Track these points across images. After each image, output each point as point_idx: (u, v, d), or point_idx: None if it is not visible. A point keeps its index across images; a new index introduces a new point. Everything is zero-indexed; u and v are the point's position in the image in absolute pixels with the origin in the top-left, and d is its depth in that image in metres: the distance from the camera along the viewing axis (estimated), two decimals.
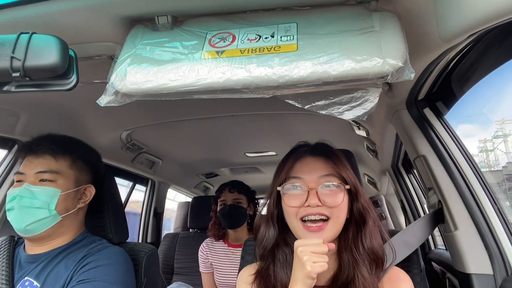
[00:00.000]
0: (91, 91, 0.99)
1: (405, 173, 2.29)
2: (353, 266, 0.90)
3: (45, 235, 1.11)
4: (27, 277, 1.09)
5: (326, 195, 0.90)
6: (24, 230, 1.07)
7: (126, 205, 2.84)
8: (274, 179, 1.00)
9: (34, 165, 1.12)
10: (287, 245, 0.96)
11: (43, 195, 1.08)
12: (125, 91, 0.79)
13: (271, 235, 0.97)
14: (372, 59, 0.70)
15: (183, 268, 2.57)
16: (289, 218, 0.93)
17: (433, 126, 1.21)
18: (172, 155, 2.63)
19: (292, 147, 1.04)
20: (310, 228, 0.88)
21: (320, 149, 0.99)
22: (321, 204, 0.88)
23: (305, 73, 0.72)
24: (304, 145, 1.03)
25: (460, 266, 1.13)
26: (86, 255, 1.11)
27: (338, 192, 0.91)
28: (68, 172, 1.15)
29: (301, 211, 0.89)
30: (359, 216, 0.94)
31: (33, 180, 1.10)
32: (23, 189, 1.08)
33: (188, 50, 0.81)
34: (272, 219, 0.98)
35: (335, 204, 0.89)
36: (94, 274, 1.05)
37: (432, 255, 2.07)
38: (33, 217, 1.06)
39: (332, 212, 0.89)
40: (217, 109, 1.79)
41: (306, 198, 0.89)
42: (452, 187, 1.13)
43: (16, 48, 0.69)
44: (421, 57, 0.92)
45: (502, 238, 1.05)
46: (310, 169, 0.94)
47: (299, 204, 0.90)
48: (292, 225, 0.93)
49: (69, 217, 1.14)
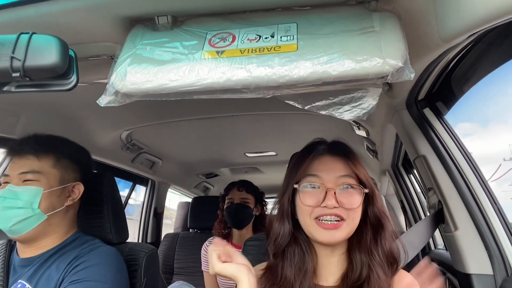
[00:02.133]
0: (91, 91, 0.99)
1: (405, 173, 2.29)
2: (368, 266, 0.88)
3: (33, 234, 1.10)
4: (20, 280, 1.09)
5: (344, 196, 0.88)
6: (9, 230, 1.07)
7: (126, 205, 2.84)
8: (290, 175, 0.97)
9: (18, 166, 1.12)
10: (296, 243, 0.95)
11: (25, 194, 1.08)
12: (125, 91, 0.79)
13: (286, 232, 0.94)
14: (372, 59, 0.70)
15: (183, 268, 2.57)
16: (303, 216, 0.91)
17: (433, 126, 1.21)
18: (172, 155, 2.63)
19: (307, 143, 1.01)
20: (325, 225, 0.86)
21: (339, 148, 0.96)
22: (338, 205, 0.86)
23: (305, 73, 0.72)
24: (322, 142, 1.00)
25: (460, 266, 1.13)
26: (77, 256, 1.10)
27: (356, 194, 0.89)
28: (51, 171, 1.14)
29: (317, 210, 0.88)
30: (376, 220, 0.92)
31: (16, 181, 1.10)
32: (6, 190, 1.08)
33: (188, 50, 0.81)
34: (287, 216, 0.95)
35: (352, 206, 0.87)
36: (85, 274, 1.05)
37: (432, 255, 2.07)
38: (16, 217, 1.06)
39: (348, 214, 0.87)
40: (217, 109, 1.79)
41: (323, 198, 0.87)
42: (452, 187, 1.14)
43: (16, 48, 0.69)
44: (421, 57, 0.92)
45: (502, 238, 1.05)
46: (328, 168, 0.91)
47: (315, 204, 0.88)
48: (305, 223, 0.91)
49: (57, 215, 1.14)
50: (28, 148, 1.14)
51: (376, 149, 2.12)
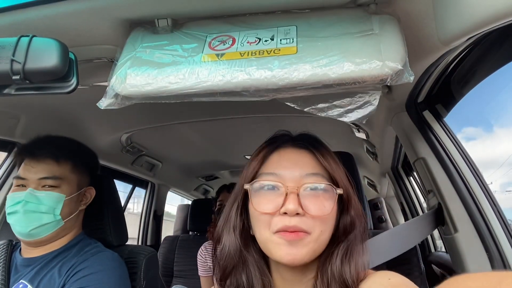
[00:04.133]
0: (91, 94, 0.99)
1: (405, 176, 2.29)
2: None
3: (47, 238, 1.11)
4: (22, 280, 1.09)
5: (310, 200, 0.67)
6: (27, 234, 1.07)
7: (125, 208, 2.83)
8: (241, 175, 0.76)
9: (36, 170, 1.11)
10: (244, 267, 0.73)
11: (48, 200, 1.08)
12: (125, 94, 0.79)
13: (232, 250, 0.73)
14: (371, 62, 0.70)
15: (182, 271, 2.57)
16: (259, 229, 0.68)
17: (432, 128, 1.21)
18: (172, 158, 2.64)
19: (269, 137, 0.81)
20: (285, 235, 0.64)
21: (305, 139, 0.76)
22: (302, 211, 0.65)
23: (305, 76, 0.72)
24: (284, 133, 0.80)
25: (460, 268, 1.13)
26: (79, 260, 1.10)
27: (327, 199, 0.68)
28: (70, 177, 1.15)
29: (277, 220, 0.65)
30: (343, 231, 0.71)
31: (35, 186, 1.09)
32: (28, 194, 1.07)
33: (188, 53, 0.81)
34: (234, 229, 0.74)
35: (321, 214, 0.66)
36: (88, 282, 1.04)
37: (432, 257, 2.07)
38: (38, 221, 1.06)
39: (314, 225, 0.65)
40: (217, 111, 1.79)
41: (283, 202, 0.66)
42: (452, 190, 1.13)
43: (16, 51, 0.69)
44: (421, 59, 0.92)
45: (502, 240, 1.04)
46: (290, 163, 0.71)
47: (273, 210, 0.66)
48: (261, 238, 0.68)
49: (71, 220, 1.15)
50: (47, 152, 1.13)
51: (376, 151, 2.13)
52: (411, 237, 1.19)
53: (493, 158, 29.08)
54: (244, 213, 0.75)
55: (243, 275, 0.72)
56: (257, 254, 0.73)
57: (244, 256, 0.73)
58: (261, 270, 0.73)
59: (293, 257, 0.64)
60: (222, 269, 0.74)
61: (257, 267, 0.73)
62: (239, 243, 0.73)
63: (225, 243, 0.74)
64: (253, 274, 0.72)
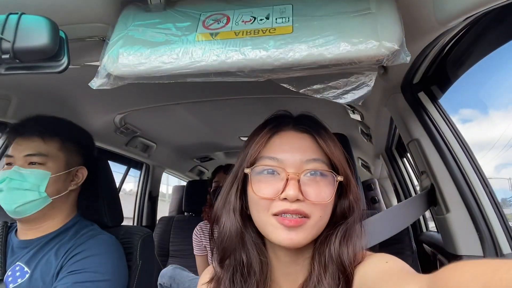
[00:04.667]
0: (83, 74, 0.98)
1: (399, 157, 2.31)
2: (320, 279, 0.68)
3: (36, 217, 1.11)
4: (19, 262, 1.09)
5: (311, 186, 0.67)
6: (14, 211, 1.07)
7: (120, 189, 2.84)
8: (240, 157, 0.76)
9: (23, 148, 1.11)
10: (243, 248, 0.74)
11: (32, 177, 1.08)
12: (117, 74, 0.78)
13: (234, 231, 0.73)
14: (368, 42, 0.69)
15: (178, 251, 2.60)
16: (258, 212, 0.69)
17: (427, 110, 1.21)
18: (167, 139, 2.63)
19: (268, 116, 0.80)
20: (285, 221, 0.65)
21: (307, 123, 0.75)
22: (302, 197, 0.65)
23: (301, 56, 0.71)
24: (284, 114, 0.79)
25: (451, 248, 1.16)
26: (76, 243, 1.10)
27: (327, 185, 0.69)
28: (57, 155, 1.14)
29: (276, 205, 0.66)
30: (341, 215, 0.73)
31: (22, 163, 1.09)
32: (13, 172, 1.07)
33: (181, 32, 0.79)
34: (234, 211, 0.74)
35: (321, 200, 0.67)
36: (85, 265, 1.05)
37: (424, 237, 2.11)
38: (22, 198, 1.06)
39: (314, 210, 0.67)
40: (212, 92, 1.77)
41: (283, 187, 0.66)
42: (445, 171, 1.15)
43: (5, 29, 0.67)
44: (417, 40, 0.91)
45: (493, 221, 1.06)
46: (292, 148, 0.70)
47: (272, 195, 0.67)
48: (260, 221, 0.70)
49: (60, 199, 1.14)
50: (33, 130, 1.13)
51: (371, 133, 2.13)
52: (404, 218, 1.21)
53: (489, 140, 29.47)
54: (243, 195, 0.75)
55: (243, 254, 0.74)
56: (255, 234, 0.74)
57: (243, 237, 0.74)
58: (259, 250, 0.74)
59: (291, 241, 0.66)
60: (222, 250, 0.75)
61: (255, 246, 0.74)
62: (240, 225, 0.74)
63: (226, 225, 0.74)
64: (252, 253, 0.73)
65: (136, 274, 1.21)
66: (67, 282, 1.01)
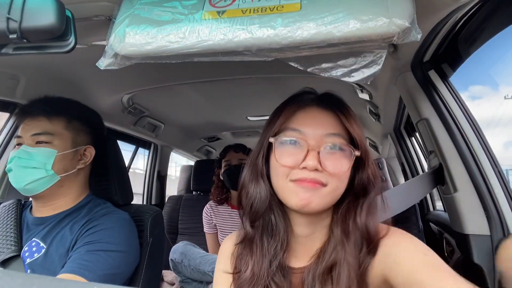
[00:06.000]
0: (91, 54, 0.98)
1: (407, 137, 2.29)
2: (342, 244, 0.74)
3: (46, 194, 1.14)
4: (34, 238, 1.13)
5: (329, 159, 0.72)
6: (23, 189, 1.11)
7: (129, 168, 2.87)
8: (267, 128, 0.82)
9: (30, 128, 1.15)
10: (271, 210, 0.81)
11: (39, 155, 1.11)
12: (124, 53, 0.78)
13: (264, 195, 0.79)
14: (378, 19, 0.68)
15: (187, 228, 2.65)
16: (277, 178, 0.76)
17: (437, 88, 1.19)
18: (174, 119, 2.63)
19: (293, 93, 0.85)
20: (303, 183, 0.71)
21: (330, 100, 0.81)
22: (320, 168, 0.71)
23: (309, 34, 0.70)
24: (310, 91, 0.84)
25: (458, 227, 1.16)
26: (91, 219, 1.14)
27: (344, 158, 0.74)
28: (63, 133, 1.17)
29: (295, 172, 0.73)
30: (361, 188, 0.78)
31: (30, 142, 1.13)
32: (21, 151, 1.12)
33: (188, 10, 0.78)
34: (262, 176, 0.80)
35: (338, 171, 0.72)
36: (99, 236, 1.08)
37: (430, 216, 2.12)
38: (30, 176, 1.10)
39: (331, 179, 0.72)
40: (219, 72, 1.76)
41: (303, 157, 0.72)
42: (454, 150, 1.14)
43: (11, 9, 0.67)
44: (429, 17, 0.89)
45: (501, 200, 1.06)
46: (314, 122, 0.76)
47: (292, 164, 0.73)
48: (279, 186, 0.76)
49: (69, 177, 1.17)
50: (39, 110, 1.16)
51: (379, 112, 2.11)
52: (412, 195, 1.22)
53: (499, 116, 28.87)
54: (267, 162, 0.81)
55: (272, 215, 0.81)
56: (278, 199, 0.80)
57: (271, 200, 0.80)
58: (283, 212, 0.81)
59: (307, 201, 0.71)
60: (253, 213, 0.81)
61: (279, 209, 0.81)
62: (269, 188, 0.80)
63: (256, 189, 0.81)
64: (278, 215, 0.81)
65: (147, 251, 1.24)
66: (81, 251, 1.05)
